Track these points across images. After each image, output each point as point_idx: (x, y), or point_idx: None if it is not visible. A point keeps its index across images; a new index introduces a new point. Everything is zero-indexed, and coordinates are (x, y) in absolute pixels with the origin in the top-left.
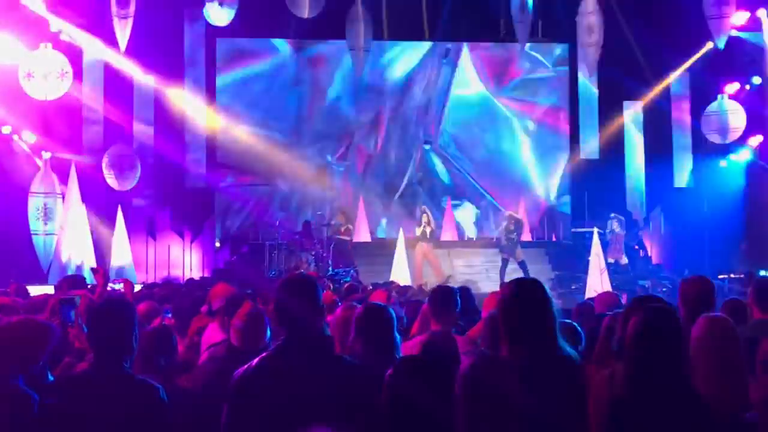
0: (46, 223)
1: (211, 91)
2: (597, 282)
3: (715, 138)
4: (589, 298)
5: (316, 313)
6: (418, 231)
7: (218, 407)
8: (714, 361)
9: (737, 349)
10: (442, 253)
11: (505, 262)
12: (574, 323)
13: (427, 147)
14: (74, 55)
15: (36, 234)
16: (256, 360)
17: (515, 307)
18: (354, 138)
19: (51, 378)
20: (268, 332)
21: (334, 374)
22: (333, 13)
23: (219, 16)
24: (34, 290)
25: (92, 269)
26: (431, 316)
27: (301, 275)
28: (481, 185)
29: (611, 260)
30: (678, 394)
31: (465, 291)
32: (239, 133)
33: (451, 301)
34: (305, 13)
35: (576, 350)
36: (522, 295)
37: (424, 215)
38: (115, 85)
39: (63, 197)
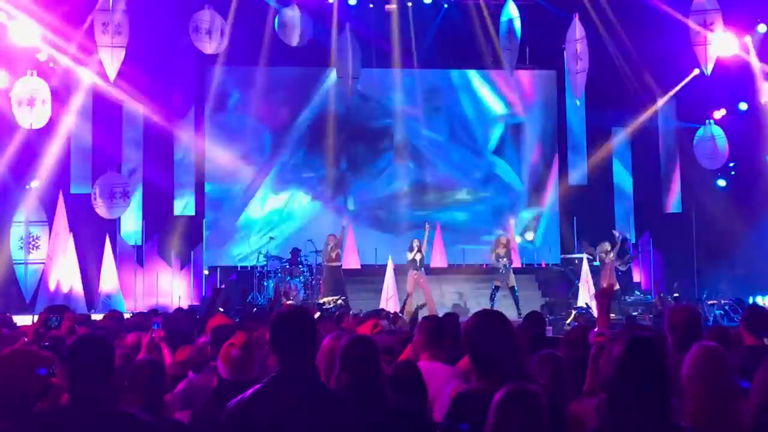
0: (29, 252)
1: (200, 119)
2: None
3: (706, 163)
4: (578, 325)
5: (311, 346)
6: (409, 257)
7: None
8: (707, 389)
9: (730, 378)
10: (431, 280)
11: (495, 289)
12: (557, 353)
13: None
14: (63, 84)
15: (18, 263)
16: (249, 392)
17: (479, 339)
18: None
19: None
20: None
21: (328, 409)
22: (322, 41)
23: (208, 45)
24: (19, 320)
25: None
26: (425, 350)
27: (299, 307)
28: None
29: (604, 285)
30: (658, 425)
31: (454, 318)
32: (228, 160)
33: (442, 332)
34: (294, 41)
35: (557, 379)
36: (483, 326)
37: (415, 241)
38: (105, 112)
39: (49, 226)
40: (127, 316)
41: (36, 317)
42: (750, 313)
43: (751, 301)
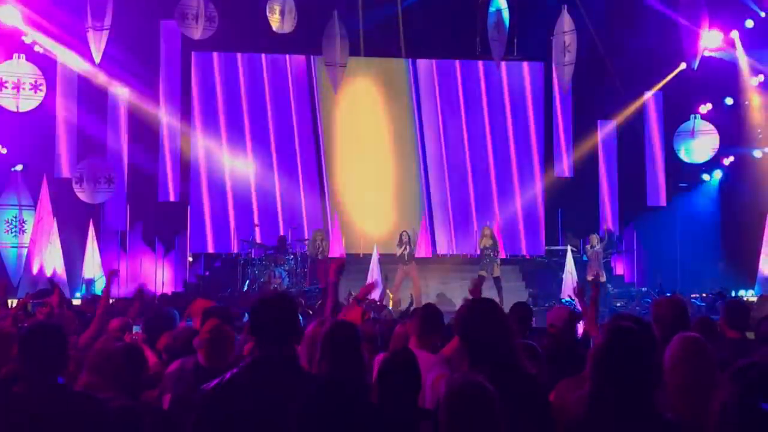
0: (16, 236)
1: (186, 104)
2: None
3: (687, 158)
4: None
5: (291, 332)
6: (399, 252)
7: (185, 425)
8: (686, 380)
9: (710, 368)
10: (418, 270)
11: (480, 279)
12: (533, 343)
13: None
14: (48, 67)
15: (5, 247)
16: (227, 375)
17: (471, 326)
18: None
19: None
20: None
21: (305, 392)
22: (310, 28)
23: (195, 30)
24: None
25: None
26: (416, 337)
27: (281, 293)
28: (456, 200)
29: (590, 278)
30: (640, 416)
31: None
32: (213, 146)
33: (439, 322)
34: (282, 27)
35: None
36: (477, 314)
37: (405, 235)
38: (90, 97)
39: (35, 209)
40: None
41: (15, 302)
42: (729, 308)
43: (732, 294)
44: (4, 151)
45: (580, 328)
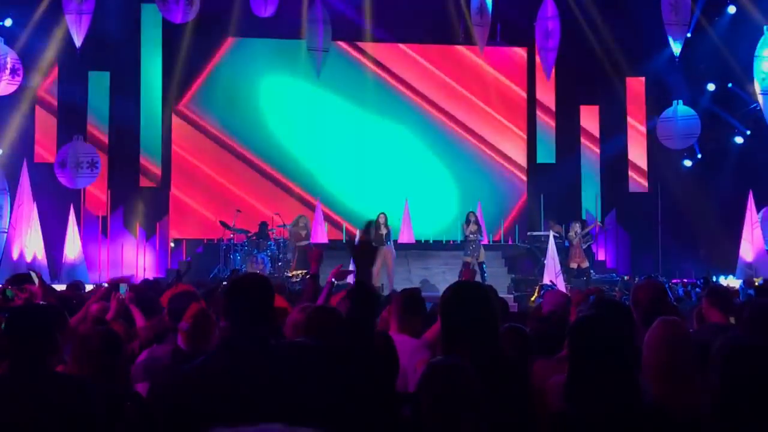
0: None
1: (167, 89)
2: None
3: (669, 143)
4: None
5: (262, 311)
6: (374, 233)
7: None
8: (667, 363)
9: (689, 352)
10: (399, 255)
11: (465, 266)
12: (521, 326)
13: None
14: (28, 51)
15: None
16: (201, 357)
17: (456, 309)
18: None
19: None
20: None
21: (286, 360)
22: (293, 13)
23: (177, 13)
24: None
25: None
26: (396, 321)
27: (254, 275)
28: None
29: (573, 265)
30: (620, 398)
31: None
32: (196, 131)
33: (420, 305)
34: (264, 11)
35: (523, 353)
36: (463, 297)
37: (382, 216)
38: (70, 81)
39: (10, 194)
40: (89, 287)
41: None
42: (713, 292)
43: (714, 280)
44: None
45: None
